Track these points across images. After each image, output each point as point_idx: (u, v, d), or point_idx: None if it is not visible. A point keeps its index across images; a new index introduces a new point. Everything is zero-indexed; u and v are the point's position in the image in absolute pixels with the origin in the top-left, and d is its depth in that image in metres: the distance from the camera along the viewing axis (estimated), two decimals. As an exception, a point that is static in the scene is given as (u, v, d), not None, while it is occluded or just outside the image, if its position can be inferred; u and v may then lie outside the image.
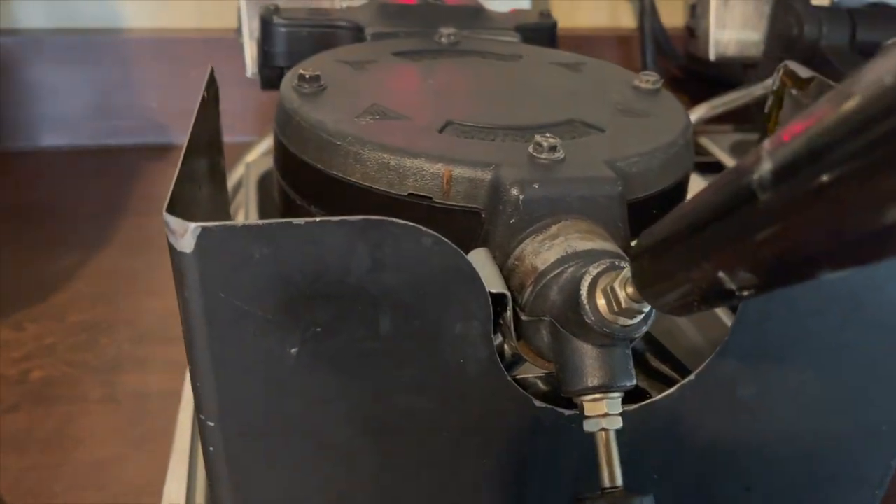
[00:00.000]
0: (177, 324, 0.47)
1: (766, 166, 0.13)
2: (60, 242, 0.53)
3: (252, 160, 0.54)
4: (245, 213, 0.47)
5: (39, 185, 0.61)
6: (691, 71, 0.69)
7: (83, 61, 0.63)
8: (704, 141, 0.59)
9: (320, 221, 0.20)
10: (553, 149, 0.26)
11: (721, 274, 0.15)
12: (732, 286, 0.15)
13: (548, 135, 0.26)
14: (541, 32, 0.42)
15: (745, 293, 0.15)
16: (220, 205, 0.34)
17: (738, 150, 0.59)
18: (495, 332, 0.23)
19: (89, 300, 0.47)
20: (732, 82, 0.69)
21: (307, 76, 0.31)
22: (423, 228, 0.21)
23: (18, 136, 0.65)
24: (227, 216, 0.35)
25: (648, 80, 0.34)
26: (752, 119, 0.71)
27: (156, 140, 0.67)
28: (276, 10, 0.40)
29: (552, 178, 0.25)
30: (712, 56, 0.61)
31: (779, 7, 0.53)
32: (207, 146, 0.29)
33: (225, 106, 0.71)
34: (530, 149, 0.26)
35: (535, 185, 0.25)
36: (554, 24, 0.43)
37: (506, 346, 0.25)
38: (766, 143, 0.14)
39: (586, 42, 0.70)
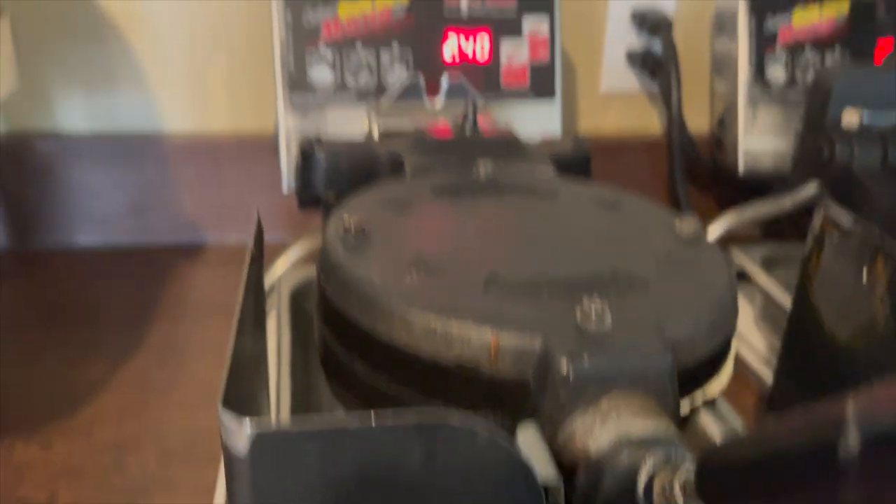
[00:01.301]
0: (204, 442, 0.47)
1: (854, 436, 0.13)
2: (90, 349, 0.53)
3: (283, 272, 0.54)
4: (277, 329, 0.47)
5: (72, 284, 0.62)
6: (719, 177, 0.70)
7: (121, 163, 0.65)
8: (735, 253, 0.58)
9: (377, 425, 0.19)
10: (601, 316, 0.26)
11: (799, 527, 0.15)
12: (811, 540, 0.15)
13: (595, 298, 0.26)
14: (575, 162, 0.43)
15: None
16: (260, 347, 0.34)
17: (770, 264, 0.58)
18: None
19: (117, 415, 0.47)
20: (761, 190, 0.69)
21: (352, 226, 0.31)
22: (479, 427, 0.20)
23: (55, 235, 0.66)
24: (266, 361, 0.35)
25: (689, 225, 0.34)
26: (781, 224, 0.71)
27: (189, 239, 0.68)
28: (318, 141, 0.41)
29: (601, 351, 0.25)
30: (741, 169, 0.61)
31: (808, 127, 0.54)
32: (254, 299, 0.29)
33: (257, 206, 0.72)
34: (577, 315, 0.26)
35: (585, 359, 0.24)
36: (588, 154, 0.44)
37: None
38: (851, 406, 0.14)
39: (614, 148, 0.71)
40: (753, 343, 0.57)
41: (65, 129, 0.65)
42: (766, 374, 0.52)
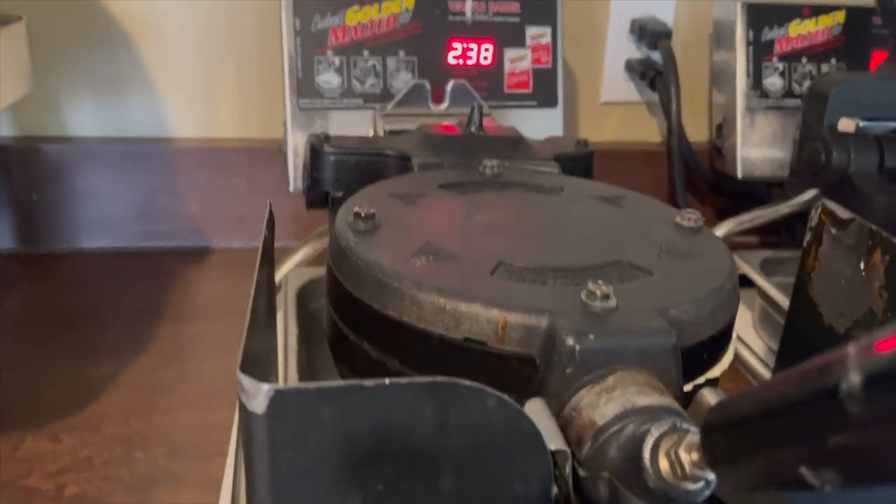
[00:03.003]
0: (211, 438, 0.47)
1: (855, 379, 0.14)
2: (97, 349, 0.54)
3: (290, 270, 0.55)
4: (284, 326, 0.47)
5: (79, 287, 0.62)
6: (717, 185, 0.71)
7: (130, 169, 0.66)
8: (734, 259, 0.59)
9: (390, 384, 0.20)
10: (606, 297, 0.26)
11: (803, 469, 0.15)
12: (815, 481, 0.15)
13: (600, 282, 0.27)
14: (578, 162, 0.44)
15: (829, 488, 0.15)
16: (271, 315, 0.34)
17: (768, 268, 0.59)
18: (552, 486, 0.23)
19: (124, 412, 0.47)
20: (759, 197, 0.70)
21: (362, 214, 0.32)
22: (489, 390, 0.21)
23: (62, 239, 0.67)
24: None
25: (690, 217, 0.35)
26: (779, 232, 0.72)
27: (194, 244, 0.69)
28: (326, 138, 0.41)
29: (607, 329, 0.25)
30: (739, 175, 0.62)
31: (805, 133, 0.55)
32: (266, 275, 0.30)
33: (265, 208, 0.73)
34: (583, 296, 0.27)
35: (591, 336, 0.25)
36: (590, 154, 0.45)
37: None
38: (852, 350, 0.14)
39: (614, 156, 0.72)
40: (753, 346, 0.57)
41: (74, 134, 0.67)
42: (766, 376, 0.53)
